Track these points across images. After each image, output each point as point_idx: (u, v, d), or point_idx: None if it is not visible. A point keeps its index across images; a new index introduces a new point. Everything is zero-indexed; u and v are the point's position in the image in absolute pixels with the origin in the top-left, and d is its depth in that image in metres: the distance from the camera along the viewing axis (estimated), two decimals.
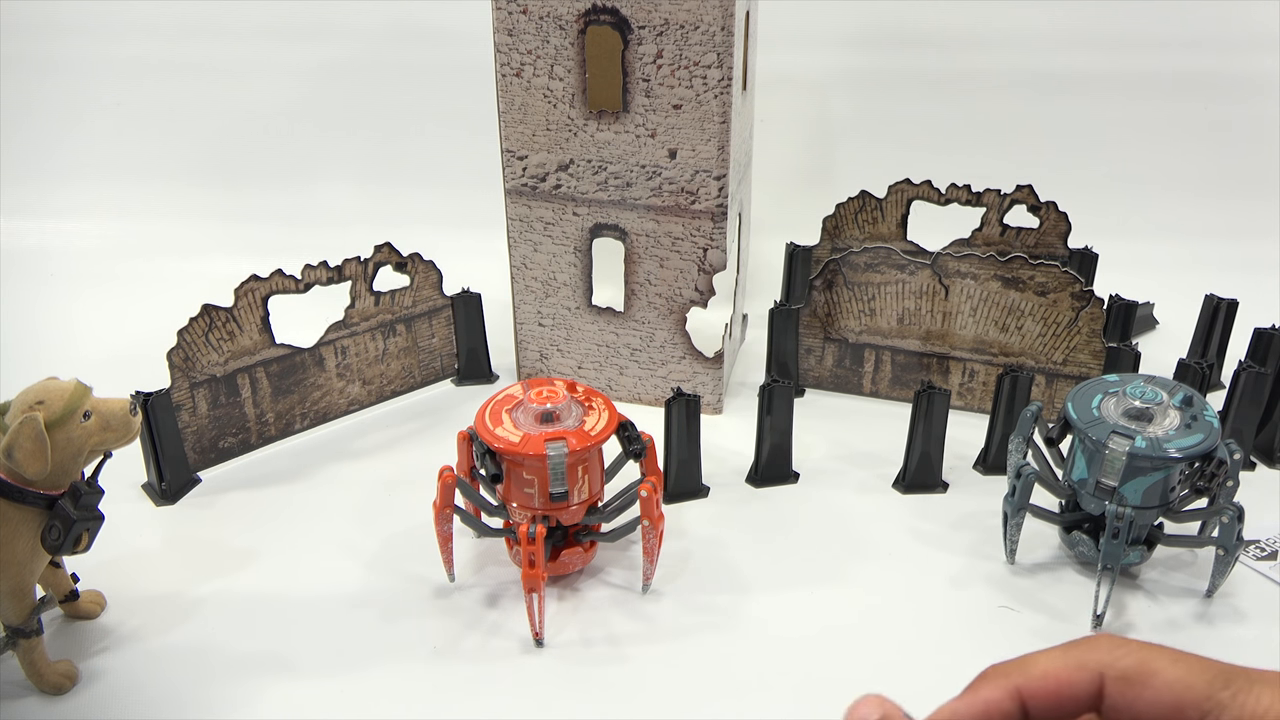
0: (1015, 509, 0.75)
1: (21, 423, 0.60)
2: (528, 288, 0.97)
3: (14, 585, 0.63)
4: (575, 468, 0.71)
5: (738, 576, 0.77)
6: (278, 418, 0.92)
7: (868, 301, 0.96)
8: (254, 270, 0.86)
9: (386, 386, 0.99)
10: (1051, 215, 1.05)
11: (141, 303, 1.16)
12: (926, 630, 0.72)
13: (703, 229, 0.90)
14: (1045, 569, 0.78)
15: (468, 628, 0.72)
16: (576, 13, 0.84)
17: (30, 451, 0.60)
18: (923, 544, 0.81)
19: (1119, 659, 0.33)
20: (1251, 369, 0.85)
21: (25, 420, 0.60)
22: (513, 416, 0.72)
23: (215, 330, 0.85)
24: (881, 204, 1.08)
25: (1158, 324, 1.13)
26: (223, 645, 0.71)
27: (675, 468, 0.84)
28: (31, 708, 0.65)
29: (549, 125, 0.89)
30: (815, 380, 1.02)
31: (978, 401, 0.97)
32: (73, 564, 0.71)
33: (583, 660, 0.70)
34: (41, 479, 0.62)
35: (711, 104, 0.85)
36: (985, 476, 0.89)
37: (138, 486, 0.86)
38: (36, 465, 0.61)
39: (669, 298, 0.94)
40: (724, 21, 0.82)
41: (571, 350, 0.99)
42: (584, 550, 0.76)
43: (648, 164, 0.88)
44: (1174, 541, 0.75)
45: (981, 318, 0.94)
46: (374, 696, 0.67)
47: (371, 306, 0.94)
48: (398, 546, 0.80)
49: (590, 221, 0.92)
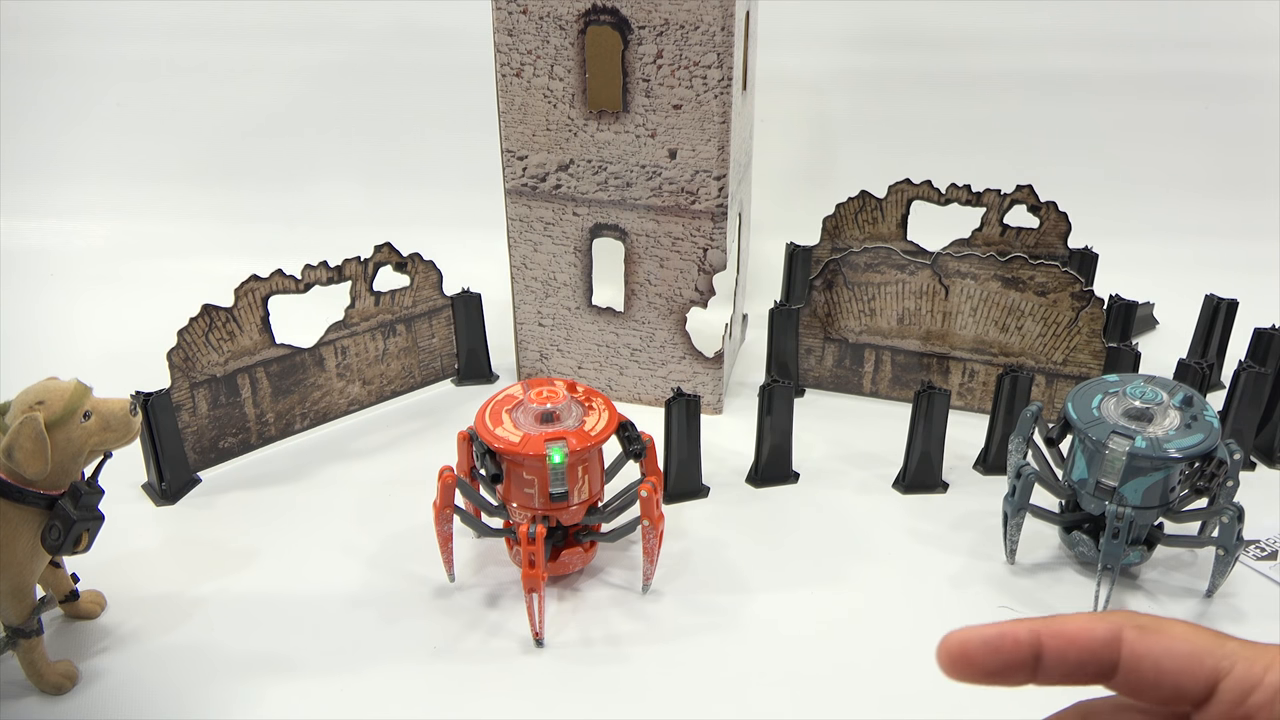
0: (1015, 509, 0.75)
1: (21, 423, 0.60)
2: (528, 288, 0.97)
3: (14, 585, 0.63)
4: (575, 468, 0.71)
5: (738, 576, 0.77)
6: (278, 418, 0.92)
7: (868, 301, 0.96)
8: (254, 270, 0.86)
9: (386, 386, 0.99)
10: (1051, 215, 1.05)
11: (141, 303, 1.16)
12: (926, 630, 0.72)
13: (703, 229, 0.90)
14: (1045, 569, 0.78)
15: (468, 628, 0.72)
16: (576, 13, 0.84)
17: (30, 451, 0.60)
18: (923, 544, 0.81)
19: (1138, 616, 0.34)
20: (1251, 369, 0.85)
21: (25, 420, 0.60)
22: (513, 416, 0.72)
23: (215, 330, 0.85)
24: (881, 204, 1.08)
25: (1158, 324, 1.13)
26: (223, 645, 0.71)
27: (675, 468, 0.84)
28: (31, 708, 0.65)
29: (549, 125, 0.89)
30: (815, 380, 1.02)
31: (978, 401, 0.97)
32: (73, 564, 0.71)
33: (583, 660, 0.70)
34: (42, 479, 0.62)
35: (711, 104, 0.85)
36: (985, 476, 0.89)
37: (138, 486, 0.86)
38: (37, 465, 0.61)
39: (669, 298, 0.94)
40: (724, 21, 0.82)
41: (571, 350, 0.99)
42: (584, 550, 0.76)
43: (648, 164, 0.88)
44: (1174, 541, 0.75)
45: (981, 318, 0.94)
46: (374, 696, 0.67)
47: (371, 306, 0.94)
48: (398, 546, 0.80)
49: (590, 221, 0.92)
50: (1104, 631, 0.35)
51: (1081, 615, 0.35)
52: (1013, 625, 0.36)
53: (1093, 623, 0.35)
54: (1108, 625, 0.35)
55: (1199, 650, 0.34)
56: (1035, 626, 0.35)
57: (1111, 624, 0.35)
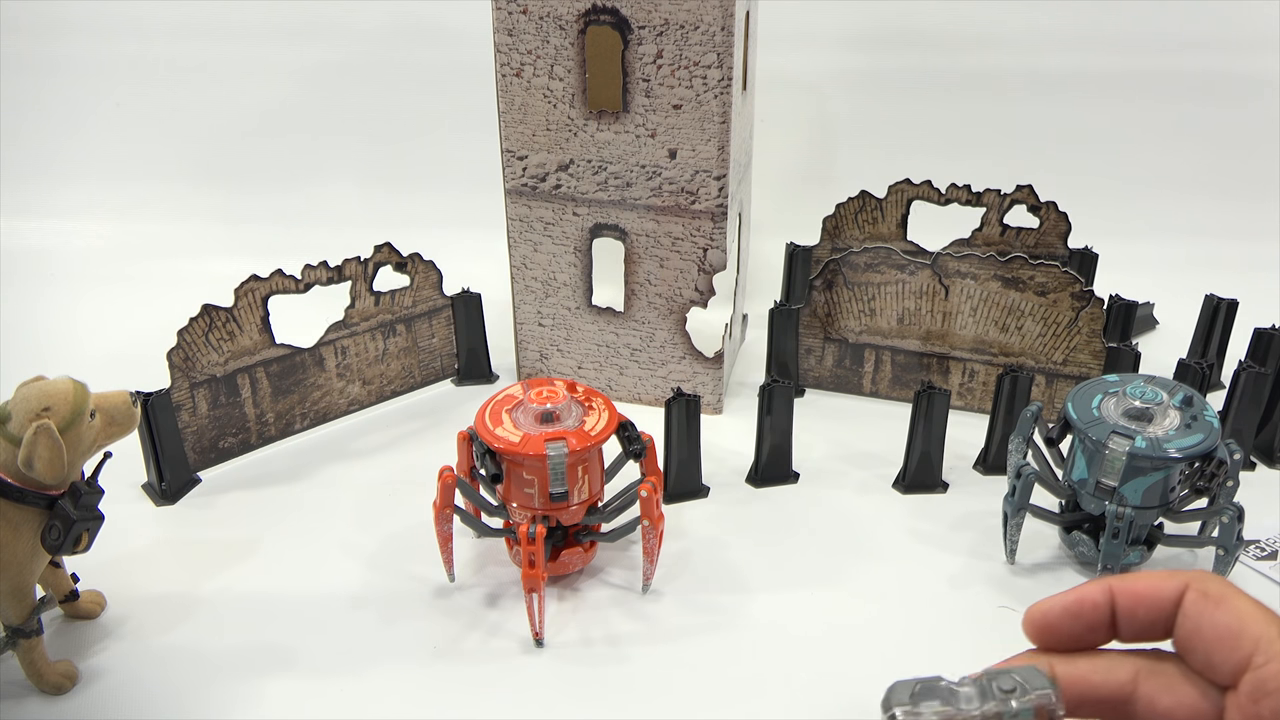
0: (1015, 509, 0.75)
1: (37, 432, 0.60)
2: (528, 288, 0.97)
3: (14, 585, 0.63)
4: (575, 468, 0.71)
5: (738, 576, 0.77)
6: (278, 418, 0.92)
7: (868, 301, 0.96)
8: (254, 270, 0.86)
9: (386, 386, 0.99)
10: (1051, 215, 1.05)
11: (141, 303, 1.16)
12: (926, 630, 0.72)
13: (703, 229, 0.90)
14: (1045, 569, 0.78)
15: (468, 628, 0.72)
16: (576, 13, 0.84)
17: (49, 460, 0.60)
18: (923, 544, 0.81)
19: (1208, 580, 0.35)
20: (1251, 369, 0.85)
21: (40, 430, 0.60)
22: (513, 416, 0.72)
23: (215, 330, 0.85)
24: (881, 204, 1.08)
25: (1158, 324, 1.13)
26: (223, 645, 0.71)
27: (675, 468, 0.84)
28: (31, 708, 0.65)
29: (549, 125, 0.89)
30: (815, 380, 1.02)
31: (978, 401, 0.97)
32: (73, 564, 0.71)
33: (583, 660, 0.70)
34: (58, 482, 0.62)
35: (711, 104, 0.85)
36: (985, 476, 0.89)
37: (138, 486, 0.86)
38: (57, 472, 0.61)
39: (669, 298, 0.94)
40: (724, 21, 0.82)
41: (571, 350, 0.99)
42: (584, 550, 0.76)
43: (648, 164, 0.88)
44: (1174, 542, 0.75)
45: (981, 318, 0.94)
46: (374, 696, 0.67)
47: (371, 306, 0.94)
48: (398, 546, 0.80)
49: (590, 221, 0.92)
50: (1172, 590, 0.35)
51: (1154, 573, 0.36)
52: (1089, 587, 0.36)
53: (1162, 580, 0.36)
54: (1175, 583, 0.35)
55: (1245, 633, 0.34)
56: (1110, 583, 0.36)
57: (1179, 582, 0.35)
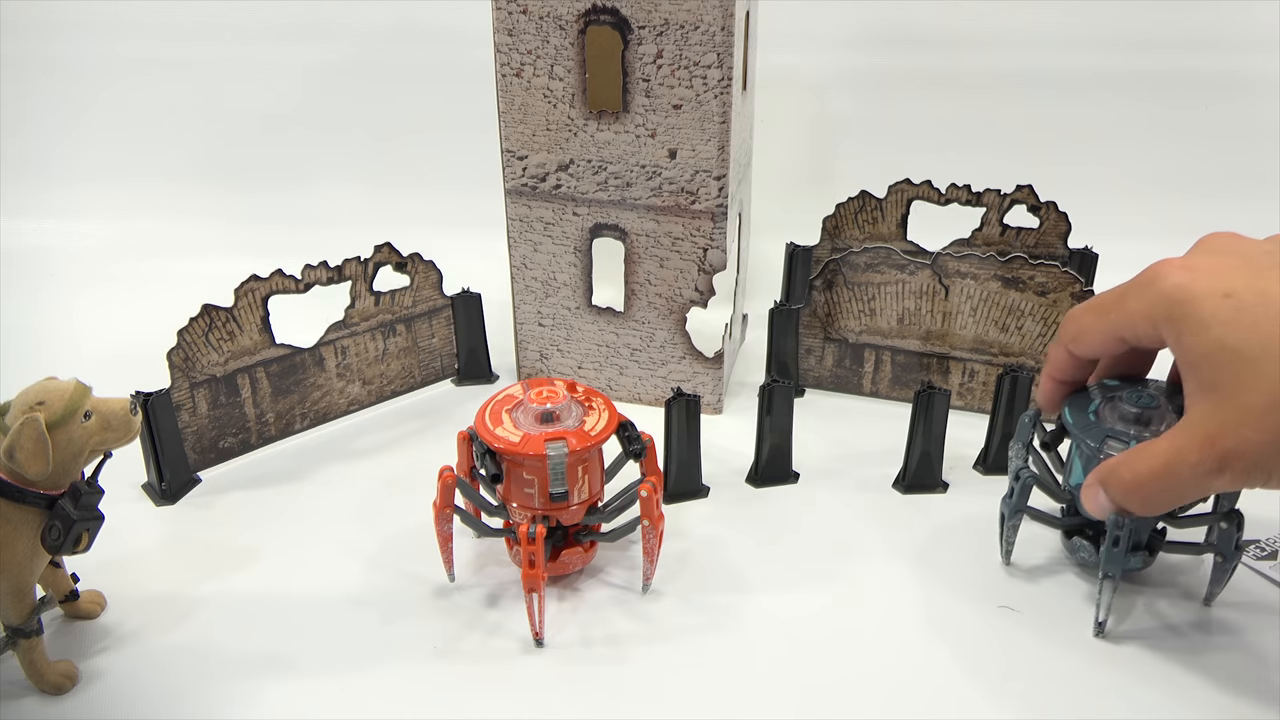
0: (1012, 510, 0.75)
1: (23, 424, 0.60)
2: (528, 288, 0.97)
3: (14, 585, 0.63)
4: (575, 468, 0.71)
5: (738, 576, 0.77)
6: (278, 418, 0.92)
7: (868, 301, 0.96)
8: (254, 270, 0.86)
9: (386, 386, 0.99)
10: (1051, 215, 1.05)
11: (141, 303, 1.16)
12: (926, 630, 0.72)
13: (703, 229, 0.90)
14: (1044, 570, 0.78)
15: (468, 628, 0.72)
16: (576, 13, 0.84)
17: (32, 452, 0.60)
18: (923, 544, 0.81)
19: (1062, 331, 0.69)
20: None
21: (26, 421, 0.60)
22: (513, 416, 0.72)
23: (215, 330, 0.85)
24: (881, 204, 1.08)
25: None
26: (223, 645, 0.71)
27: (675, 468, 0.84)
28: (31, 708, 0.65)
29: (549, 125, 0.89)
30: (815, 380, 1.02)
31: (978, 401, 0.97)
32: (73, 564, 0.71)
33: (583, 660, 0.70)
34: (43, 479, 0.62)
35: (711, 104, 0.85)
36: (985, 477, 0.88)
37: (138, 486, 0.86)
38: (38, 466, 0.61)
39: (669, 298, 0.94)
40: (724, 21, 0.82)
41: (571, 350, 0.99)
42: (584, 550, 0.76)
43: (648, 164, 0.88)
44: (1175, 548, 0.75)
45: (981, 318, 0.94)
46: (374, 696, 0.67)
47: (371, 306, 0.94)
48: (398, 546, 0.80)
49: (590, 221, 0.92)
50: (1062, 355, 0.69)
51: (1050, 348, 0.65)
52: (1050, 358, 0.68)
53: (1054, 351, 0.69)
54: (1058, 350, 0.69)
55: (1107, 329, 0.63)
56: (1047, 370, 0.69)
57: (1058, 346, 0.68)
